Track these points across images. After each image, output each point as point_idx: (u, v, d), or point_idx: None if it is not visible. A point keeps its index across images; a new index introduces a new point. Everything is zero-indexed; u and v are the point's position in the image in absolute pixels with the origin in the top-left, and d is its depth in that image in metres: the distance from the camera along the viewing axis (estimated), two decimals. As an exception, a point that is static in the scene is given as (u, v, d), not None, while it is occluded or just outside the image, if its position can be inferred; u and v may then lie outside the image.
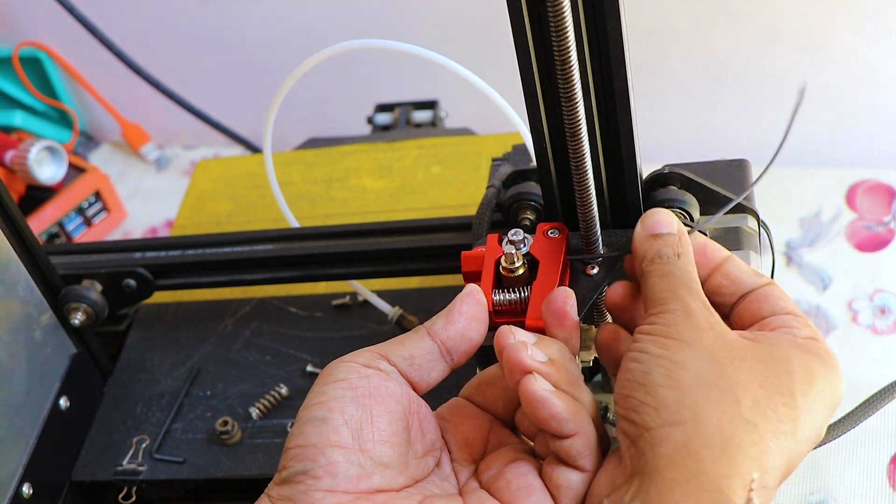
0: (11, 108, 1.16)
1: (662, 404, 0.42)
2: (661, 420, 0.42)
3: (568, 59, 0.44)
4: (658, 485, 0.41)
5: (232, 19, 1.11)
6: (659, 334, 0.45)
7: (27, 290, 0.68)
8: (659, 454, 0.41)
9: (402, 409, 0.47)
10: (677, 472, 0.41)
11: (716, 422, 0.42)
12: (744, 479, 0.41)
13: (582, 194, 0.49)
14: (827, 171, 0.94)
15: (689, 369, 0.43)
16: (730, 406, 0.42)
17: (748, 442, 0.41)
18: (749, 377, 0.43)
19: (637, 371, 0.44)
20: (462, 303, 0.50)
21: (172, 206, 1.08)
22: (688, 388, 0.42)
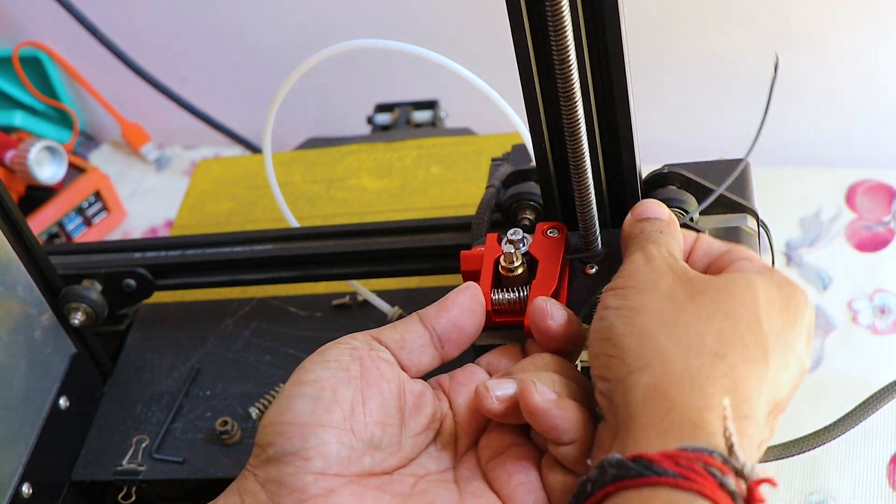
0: (11, 108, 1.16)
1: (627, 352, 0.42)
2: (628, 368, 0.42)
3: (567, 58, 0.44)
4: (634, 432, 0.40)
5: (232, 19, 1.11)
6: (618, 286, 0.45)
7: (27, 290, 0.68)
8: (631, 401, 0.41)
9: (394, 389, 0.47)
10: (650, 414, 0.40)
11: (682, 358, 0.41)
12: (718, 410, 0.40)
13: (581, 194, 0.49)
14: (827, 171, 0.94)
15: (648, 313, 0.43)
16: (693, 341, 0.42)
17: (717, 373, 0.41)
18: (712, 311, 0.43)
19: (601, 328, 0.44)
20: (458, 294, 0.50)
21: (172, 206, 1.08)
22: (649, 332, 0.43)
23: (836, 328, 0.81)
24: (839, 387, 0.77)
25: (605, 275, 0.52)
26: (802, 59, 0.95)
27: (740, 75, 0.98)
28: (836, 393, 0.76)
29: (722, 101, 1.01)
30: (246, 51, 1.13)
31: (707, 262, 0.49)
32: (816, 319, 0.82)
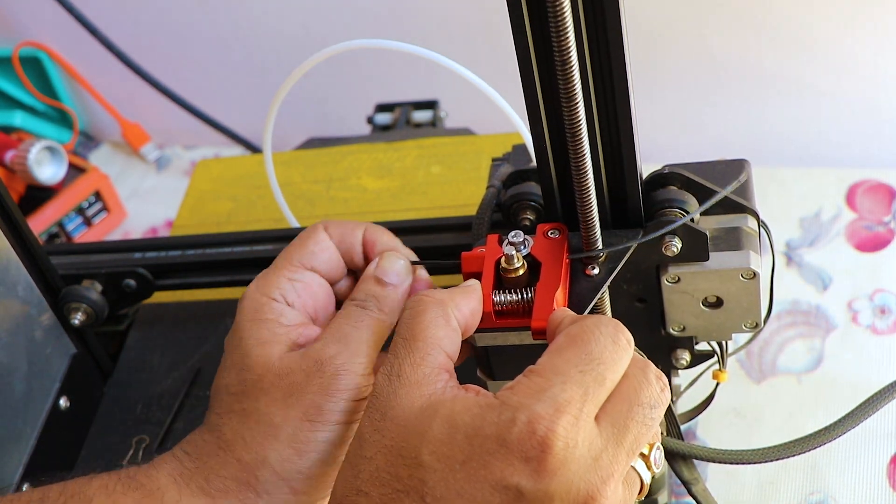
0: (11, 108, 1.16)
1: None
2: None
3: (568, 59, 0.44)
4: None
5: (232, 19, 1.11)
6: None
7: (27, 290, 0.68)
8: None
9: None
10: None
11: (338, 496, 0.43)
12: None
13: (582, 194, 0.49)
14: (827, 171, 0.94)
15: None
16: (348, 479, 0.43)
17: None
18: (376, 449, 0.43)
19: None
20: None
21: (172, 206, 1.08)
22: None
23: (836, 328, 0.81)
24: (839, 387, 0.77)
25: (606, 275, 0.52)
26: (802, 59, 0.95)
27: (740, 75, 0.98)
28: (836, 393, 0.76)
29: (722, 101, 1.01)
30: (246, 51, 1.13)
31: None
32: (816, 319, 0.82)
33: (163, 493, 0.49)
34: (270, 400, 0.50)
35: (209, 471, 0.50)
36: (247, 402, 0.51)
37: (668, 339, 0.60)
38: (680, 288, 0.55)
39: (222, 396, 0.52)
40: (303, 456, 0.50)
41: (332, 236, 0.57)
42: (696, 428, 0.76)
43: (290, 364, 0.51)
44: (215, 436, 0.51)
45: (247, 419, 0.51)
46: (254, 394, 0.51)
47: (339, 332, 0.52)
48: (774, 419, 0.76)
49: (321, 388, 0.50)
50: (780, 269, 0.86)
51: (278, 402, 0.50)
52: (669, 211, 0.54)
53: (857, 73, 0.95)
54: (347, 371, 0.51)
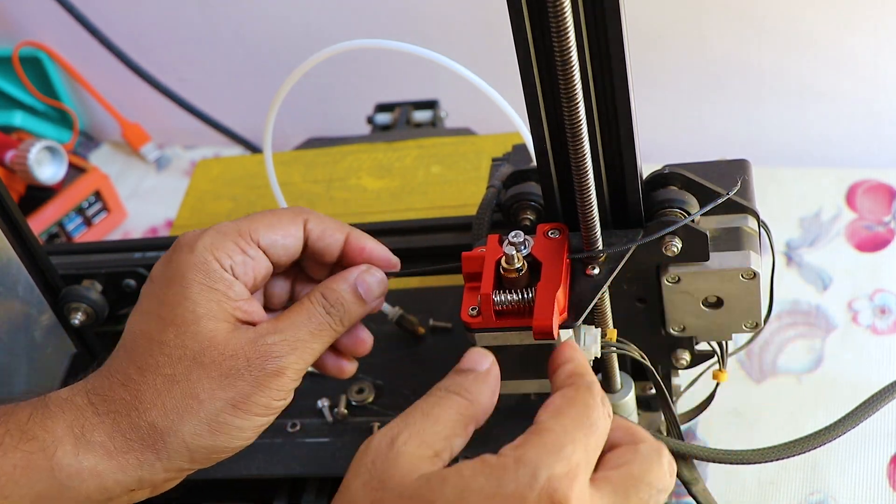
0: (11, 108, 1.16)
1: None
2: None
3: (569, 58, 0.44)
4: None
5: (232, 19, 1.11)
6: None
7: (27, 290, 0.68)
8: None
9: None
10: None
11: None
12: None
13: (582, 194, 0.49)
14: (827, 171, 0.94)
15: None
16: None
17: None
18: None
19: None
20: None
21: (172, 206, 1.08)
22: None
23: (836, 328, 0.81)
24: (839, 387, 0.77)
25: (607, 275, 0.52)
26: (803, 59, 0.95)
27: (740, 75, 0.98)
28: (836, 393, 0.76)
29: (722, 102, 1.01)
30: (246, 51, 1.13)
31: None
32: (816, 319, 0.82)
33: (56, 448, 0.48)
34: (204, 376, 0.50)
35: (115, 428, 0.49)
36: (179, 368, 0.50)
37: (668, 339, 0.60)
38: (680, 288, 0.55)
39: (148, 347, 0.51)
40: (215, 436, 0.50)
41: (311, 231, 0.55)
42: (696, 428, 0.76)
43: (235, 347, 0.51)
44: (131, 394, 0.50)
45: (172, 387, 0.50)
46: (188, 364, 0.50)
47: (296, 335, 0.52)
48: (774, 419, 0.76)
49: (256, 381, 0.50)
50: (780, 269, 0.86)
51: (212, 380, 0.50)
52: (670, 211, 0.54)
53: (857, 73, 0.95)
54: (287, 374, 0.51)
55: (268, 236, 0.54)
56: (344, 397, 0.68)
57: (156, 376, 0.50)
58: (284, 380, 0.51)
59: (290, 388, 0.52)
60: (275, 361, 0.51)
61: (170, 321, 0.51)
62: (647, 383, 0.65)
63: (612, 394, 0.61)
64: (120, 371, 0.51)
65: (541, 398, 0.65)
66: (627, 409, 0.61)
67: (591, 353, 0.54)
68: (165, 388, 0.50)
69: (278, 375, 0.51)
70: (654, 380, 0.58)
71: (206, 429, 0.50)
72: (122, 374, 0.51)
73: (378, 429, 0.66)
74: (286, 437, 0.67)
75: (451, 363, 0.69)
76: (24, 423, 0.49)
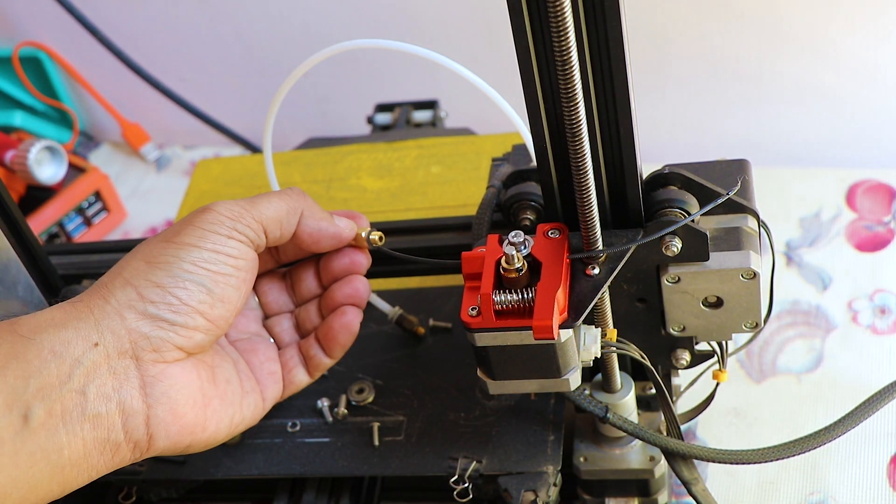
0: (11, 108, 1.16)
1: None
2: None
3: (569, 59, 0.44)
4: None
5: (232, 19, 1.11)
6: None
7: (27, 290, 0.68)
8: None
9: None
10: None
11: None
12: None
13: (582, 194, 0.49)
14: (827, 171, 0.94)
15: None
16: None
17: None
18: None
19: None
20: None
21: (172, 206, 1.08)
22: None
23: (836, 328, 0.81)
24: (839, 387, 0.77)
25: (607, 275, 0.52)
26: (802, 59, 0.95)
27: (740, 75, 0.99)
28: (836, 393, 0.76)
29: (722, 101, 1.01)
30: (246, 51, 1.13)
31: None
32: (816, 319, 0.82)
33: (18, 318, 0.51)
34: (150, 239, 0.55)
35: (75, 291, 0.54)
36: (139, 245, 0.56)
37: (668, 339, 0.60)
38: (680, 288, 0.55)
39: None
40: (152, 266, 0.53)
41: (305, 228, 0.59)
42: (696, 428, 0.76)
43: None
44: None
45: (127, 256, 0.55)
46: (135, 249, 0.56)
47: (252, 198, 0.57)
48: (774, 419, 0.76)
49: (186, 220, 0.55)
50: (780, 269, 0.86)
51: (155, 238, 0.55)
52: (669, 211, 0.54)
53: (857, 73, 0.95)
54: (214, 209, 0.55)
55: (271, 225, 0.59)
56: (344, 397, 0.68)
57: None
58: (212, 213, 0.54)
59: (223, 223, 0.54)
60: (212, 207, 0.55)
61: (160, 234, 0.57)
62: (647, 383, 0.65)
63: (612, 394, 0.61)
64: None
65: (541, 398, 0.65)
66: (627, 409, 0.61)
67: (591, 353, 0.54)
68: (123, 258, 0.55)
69: (205, 211, 0.55)
70: (654, 380, 0.58)
71: (142, 264, 0.53)
72: None
73: (378, 429, 0.66)
74: (286, 437, 0.67)
75: (452, 363, 0.69)
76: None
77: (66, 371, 0.48)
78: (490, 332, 0.51)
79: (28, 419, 0.47)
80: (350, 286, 0.62)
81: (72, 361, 0.49)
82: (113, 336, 0.50)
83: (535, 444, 0.63)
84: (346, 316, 0.61)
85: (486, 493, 0.63)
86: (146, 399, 0.51)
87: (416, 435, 0.65)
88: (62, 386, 0.48)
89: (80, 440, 0.49)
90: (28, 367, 0.48)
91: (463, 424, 0.65)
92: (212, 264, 0.53)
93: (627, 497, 0.65)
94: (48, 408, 0.47)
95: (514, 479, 0.61)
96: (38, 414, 0.47)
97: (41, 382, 0.48)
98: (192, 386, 0.53)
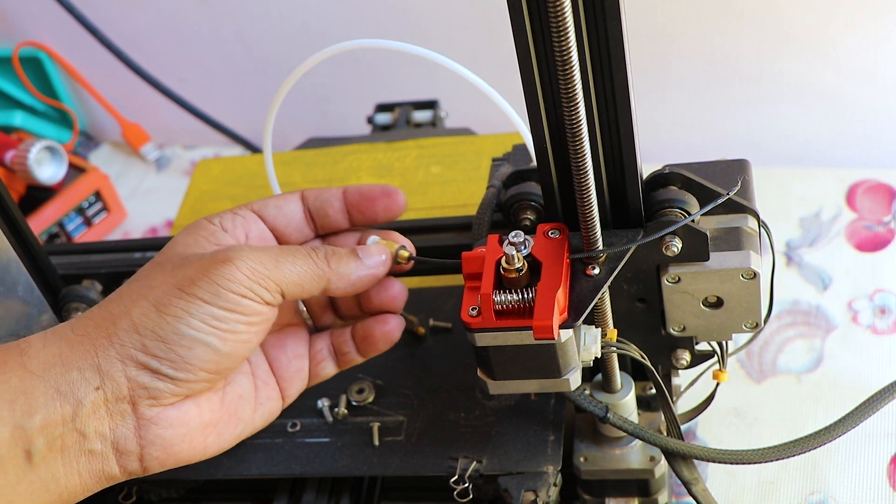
0: (11, 108, 1.16)
1: None
2: None
3: (569, 59, 0.44)
4: None
5: (232, 19, 1.11)
6: None
7: (27, 290, 0.68)
8: None
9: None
10: None
11: None
12: None
13: (583, 194, 0.49)
14: (827, 171, 0.94)
15: None
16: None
17: None
18: None
19: None
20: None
21: (172, 206, 1.08)
22: None
23: (836, 328, 0.81)
24: (839, 387, 0.77)
25: (607, 275, 0.52)
26: (802, 59, 0.95)
27: (740, 75, 0.99)
28: (836, 393, 0.76)
29: (722, 101, 1.01)
30: (246, 51, 1.13)
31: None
32: (816, 319, 0.82)
33: (28, 345, 0.51)
34: (160, 270, 0.53)
35: (78, 321, 0.53)
36: (141, 273, 0.55)
37: (668, 339, 0.60)
38: (680, 288, 0.55)
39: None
40: (161, 316, 0.51)
41: (307, 195, 0.60)
42: (696, 428, 0.76)
43: (197, 251, 0.55)
44: (99, 304, 0.54)
45: (132, 284, 0.54)
46: (151, 267, 0.55)
47: (267, 246, 0.56)
48: (774, 419, 0.76)
49: (203, 266, 0.52)
50: (780, 269, 0.86)
51: (165, 272, 0.53)
52: (670, 211, 0.54)
53: (857, 73, 0.95)
54: (234, 265, 0.52)
55: (261, 203, 0.59)
56: (344, 397, 0.68)
57: (124, 284, 0.55)
58: (232, 269, 0.51)
59: (237, 281, 0.52)
60: (225, 252, 0.52)
61: (150, 261, 0.56)
62: (647, 383, 0.65)
63: (612, 394, 0.61)
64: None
65: (541, 398, 0.65)
66: (627, 409, 0.61)
67: (591, 353, 0.54)
68: (126, 287, 0.54)
69: (225, 262, 0.52)
70: (654, 380, 0.58)
71: (152, 309, 0.51)
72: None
73: (378, 429, 0.66)
74: (286, 437, 0.67)
75: (452, 363, 0.69)
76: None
77: (69, 411, 0.50)
78: (490, 332, 0.51)
79: (31, 454, 0.49)
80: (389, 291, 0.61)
81: (75, 402, 0.50)
82: (112, 383, 0.51)
83: (535, 444, 0.63)
84: (388, 325, 0.60)
85: (486, 493, 0.63)
86: (140, 441, 0.52)
87: (416, 435, 0.65)
88: (64, 424, 0.50)
89: (77, 472, 0.50)
90: (35, 403, 0.49)
91: (463, 424, 0.65)
92: (222, 322, 0.52)
93: (627, 497, 0.65)
94: (49, 443, 0.49)
95: (514, 479, 0.61)
96: (40, 449, 0.49)
97: (46, 420, 0.49)
98: (191, 423, 0.53)
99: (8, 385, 0.49)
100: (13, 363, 0.50)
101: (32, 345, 0.51)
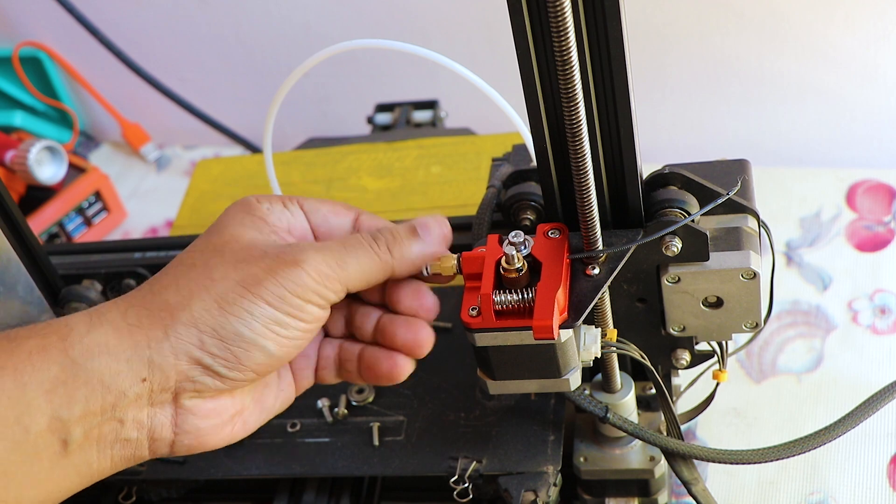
0: (11, 108, 1.16)
1: None
2: None
3: (569, 59, 0.44)
4: None
5: (232, 19, 1.11)
6: None
7: (27, 290, 0.68)
8: None
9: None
10: None
11: None
12: None
13: (583, 194, 0.49)
14: (827, 171, 0.94)
15: None
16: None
17: None
18: None
19: None
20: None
21: (172, 206, 1.08)
22: None
23: (836, 328, 0.81)
24: (839, 387, 0.77)
25: (607, 275, 0.52)
26: (802, 59, 0.95)
27: (740, 75, 0.99)
28: (836, 393, 0.76)
29: (722, 102, 1.01)
30: (246, 51, 1.13)
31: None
32: (816, 319, 0.82)
33: (70, 330, 0.49)
34: (221, 260, 0.50)
35: (130, 306, 0.50)
36: (198, 257, 0.51)
37: (668, 339, 0.60)
38: (680, 288, 0.55)
39: (177, 257, 0.53)
40: (224, 314, 0.49)
41: (362, 222, 0.56)
42: (696, 428, 0.76)
43: (258, 243, 0.52)
44: (151, 282, 0.51)
45: (190, 271, 0.51)
46: (209, 252, 0.51)
47: (327, 243, 0.52)
48: (774, 419, 0.76)
49: (269, 267, 0.50)
50: (780, 269, 0.86)
51: (227, 263, 0.50)
52: (670, 211, 0.54)
53: (857, 73, 0.95)
54: (305, 269, 0.50)
55: (312, 203, 0.55)
56: (344, 397, 0.68)
57: (177, 266, 0.52)
58: (297, 273, 0.49)
59: (305, 285, 0.50)
60: (292, 254, 0.50)
61: (202, 238, 0.53)
62: (647, 383, 0.65)
63: (612, 394, 0.61)
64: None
65: (541, 398, 0.65)
66: (627, 409, 0.61)
67: (591, 353, 0.54)
68: (183, 273, 0.51)
69: (293, 265, 0.49)
70: (654, 380, 0.58)
71: (214, 305, 0.49)
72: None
73: (378, 429, 0.66)
74: (286, 437, 0.67)
75: (452, 363, 0.69)
76: (47, 321, 0.50)
77: (110, 402, 0.48)
78: (490, 332, 0.51)
79: (67, 443, 0.48)
80: (416, 301, 0.56)
81: (118, 394, 0.48)
82: (161, 375, 0.49)
83: (535, 444, 0.63)
84: (397, 363, 0.56)
85: (486, 493, 0.63)
86: (175, 429, 0.51)
87: (416, 435, 0.65)
88: (104, 414, 0.48)
89: (109, 458, 0.49)
90: (75, 394, 0.47)
91: (463, 424, 0.65)
92: (282, 328, 0.50)
93: (627, 497, 0.65)
94: (86, 432, 0.48)
95: (514, 479, 0.61)
96: (77, 438, 0.48)
97: (85, 410, 0.48)
98: (224, 414, 0.52)
99: (48, 374, 0.47)
100: (54, 350, 0.48)
101: (75, 328, 0.49)
